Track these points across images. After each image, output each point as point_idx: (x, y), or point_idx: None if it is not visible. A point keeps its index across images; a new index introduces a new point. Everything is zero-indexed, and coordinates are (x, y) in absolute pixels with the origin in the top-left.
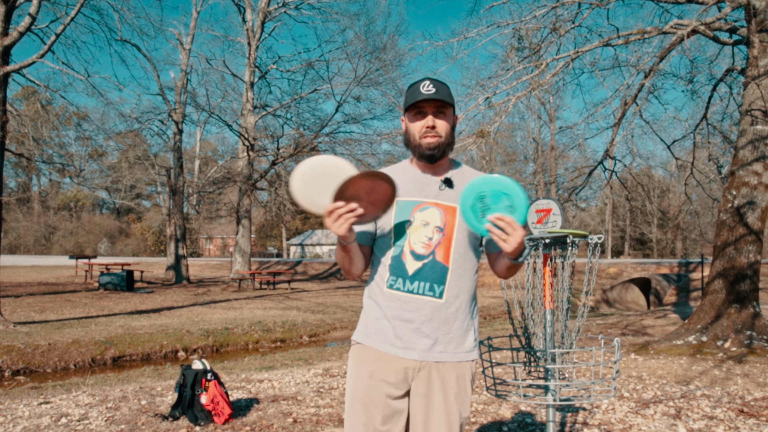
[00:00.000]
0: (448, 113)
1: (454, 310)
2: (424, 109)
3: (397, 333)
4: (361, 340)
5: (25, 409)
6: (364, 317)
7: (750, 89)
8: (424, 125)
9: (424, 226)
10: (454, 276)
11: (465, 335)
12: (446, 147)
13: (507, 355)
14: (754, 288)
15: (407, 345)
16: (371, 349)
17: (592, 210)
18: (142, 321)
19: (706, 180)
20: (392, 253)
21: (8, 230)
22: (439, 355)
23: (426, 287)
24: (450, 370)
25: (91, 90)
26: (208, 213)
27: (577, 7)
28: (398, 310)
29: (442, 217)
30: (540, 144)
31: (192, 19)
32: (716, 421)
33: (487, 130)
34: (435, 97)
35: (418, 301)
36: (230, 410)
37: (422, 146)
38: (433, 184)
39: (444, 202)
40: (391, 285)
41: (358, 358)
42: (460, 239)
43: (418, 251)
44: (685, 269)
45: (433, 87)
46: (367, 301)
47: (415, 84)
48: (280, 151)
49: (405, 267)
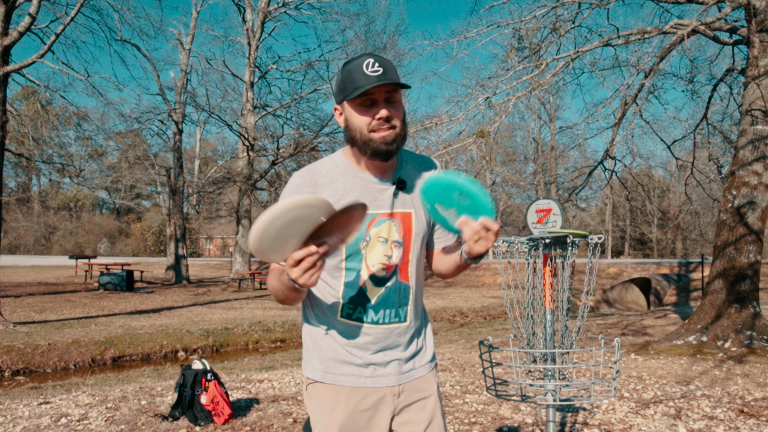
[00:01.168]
0: (400, 98)
1: (415, 326)
2: (374, 95)
3: (363, 362)
4: (321, 378)
5: (25, 409)
6: (316, 348)
7: (750, 89)
8: (376, 116)
9: (382, 244)
10: (415, 292)
11: (425, 344)
12: (403, 140)
13: (507, 355)
14: (754, 288)
15: (376, 373)
16: (335, 386)
17: (592, 210)
18: (142, 321)
19: (706, 180)
20: (345, 279)
21: (8, 230)
22: (409, 374)
23: (391, 314)
24: (424, 381)
25: (91, 90)
26: (208, 213)
27: (577, 7)
28: (360, 341)
29: (400, 229)
30: (540, 144)
31: (192, 19)
32: (716, 421)
33: (487, 130)
34: (387, 81)
35: (384, 330)
36: (230, 410)
37: (375, 141)
38: (384, 191)
39: (399, 210)
40: (348, 314)
41: (322, 400)
42: (416, 250)
43: (378, 275)
44: (685, 269)
45: (379, 65)
46: (314, 330)
47: (352, 63)
48: (280, 151)
49: (365, 294)
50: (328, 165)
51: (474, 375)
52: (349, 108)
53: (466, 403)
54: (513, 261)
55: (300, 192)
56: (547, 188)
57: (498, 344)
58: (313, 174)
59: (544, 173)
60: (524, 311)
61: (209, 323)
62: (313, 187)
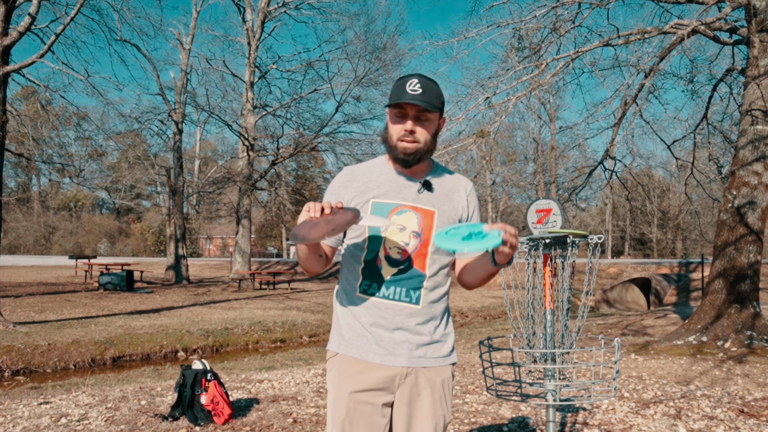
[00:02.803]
0: (432, 118)
1: (430, 316)
2: (406, 110)
3: (376, 340)
4: (338, 350)
5: (25, 409)
6: (337, 325)
7: (750, 89)
8: (403, 128)
9: (401, 231)
10: (431, 282)
11: (443, 340)
12: (424, 154)
13: (507, 355)
14: (754, 288)
15: (388, 351)
16: (352, 358)
17: (592, 210)
18: (141, 321)
19: (706, 180)
20: (365, 257)
21: (8, 230)
22: (419, 360)
23: (402, 293)
24: (434, 374)
25: (91, 90)
26: (208, 213)
27: (577, 7)
28: (373, 316)
29: (420, 222)
30: (540, 144)
31: (192, 19)
32: (716, 421)
33: (487, 130)
34: (418, 102)
35: (394, 307)
36: (230, 410)
37: (398, 149)
38: (411, 187)
39: (422, 206)
40: (365, 290)
41: (340, 370)
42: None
43: (393, 257)
44: (685, 269)
45: (419, 87)
46: (338, 308)
47: (403, 79)
48: (280, 151)
49: (380, 272)
50: (369, 163)
51: (474, 375)
52: (389, 114)
53: (466, 403)
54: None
55: (340, 188)
56: (547, 188)
57: (498, 344)
58: (351, 171)
59: (544, 173)
60: (524, 311)
61: (209, 323)
62: (351, 181)
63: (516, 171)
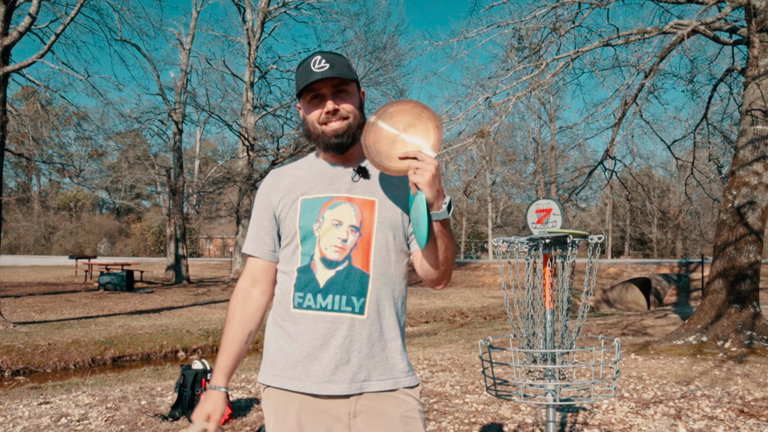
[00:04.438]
0: (350, 90)
1: (378, 327)
2: (321, 90)
3: (313, 364)
4: (270, 382)
5: (25, 409)
6: (268, 351)
7: (750, 89)
8: (323, 111)
9: (336, 227)
10: (377, 285)
11: (396, 356)
12: (356, 130)
13: (507, 355)
14: (754, 288)
15: (328, 378)
16: (286, 393)
17: (592, 210)
18: (142, 321)
19: (706, 180)
20: (299, 264)
21: (8, 230)
22: (363, 384)
23: (343, 301)
24: (389, 403)
25: (91, 90)
26: (208, 213)
27: (577, 7)
28: (310, 334)
29: (358, 214)
30: (540, 144)
31: (192, 19)
32: (716, 421)
33: (487, 130)
34: (331, 75)
35: (334, 320)
36: (230, 410)
37: (326, 134)
38: (344, 176)
39: (359, 196)
40: (299, 304)
41: (276, 406)
42: (382, 239)
43: (330, 257)
44: (686, 269)
45: (326, 62)
46: (271, 330)
47: (304, 62)
48: (280, 151)
49: (315, 278)
50: (299, 161)
51: (474, 375)
52: (303, 106)
53: (466, 403)
54: (513, 261)
55: (268, 192)
56: (547, 188)
57: (498, 344)
58: (279, 172)
59: (544, 173)
60: (524, 311)
61: (209, 323)
62: (278, 183)
63: (516, 171)
